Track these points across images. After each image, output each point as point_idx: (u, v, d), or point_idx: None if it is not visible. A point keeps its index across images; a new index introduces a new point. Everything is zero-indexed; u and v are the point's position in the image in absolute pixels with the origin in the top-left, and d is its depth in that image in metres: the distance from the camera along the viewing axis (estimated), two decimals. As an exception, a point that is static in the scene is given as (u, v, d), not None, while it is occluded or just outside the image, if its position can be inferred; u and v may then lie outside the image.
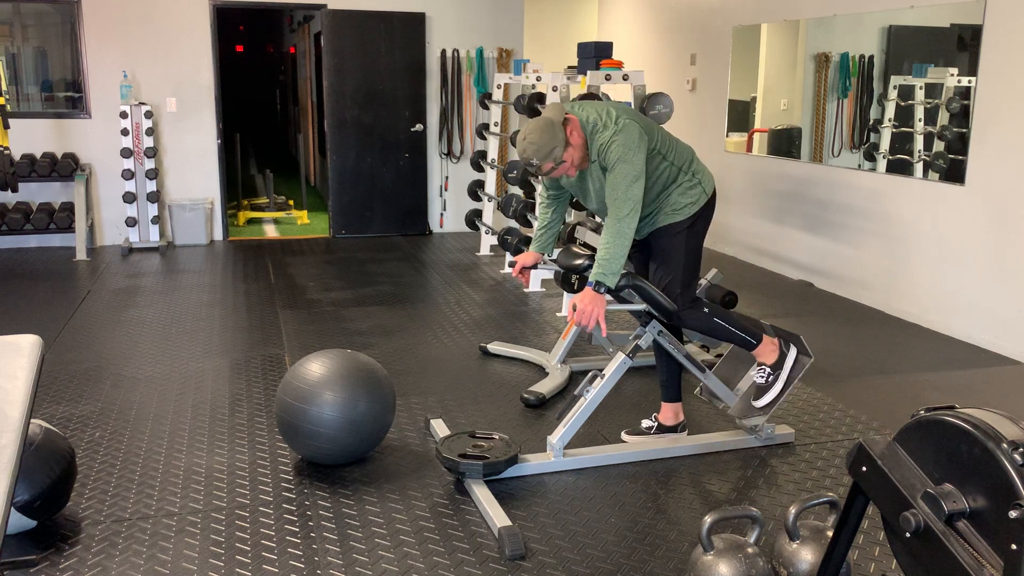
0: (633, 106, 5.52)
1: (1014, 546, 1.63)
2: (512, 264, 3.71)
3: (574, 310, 3.20)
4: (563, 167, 3.28)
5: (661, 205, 3.41)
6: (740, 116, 7.65)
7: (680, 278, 3.43)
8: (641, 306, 3.41)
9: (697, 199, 3.42)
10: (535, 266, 3.67)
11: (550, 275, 6.49)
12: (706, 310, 3.47)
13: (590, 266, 3.48)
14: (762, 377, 3.59)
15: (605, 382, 3.42)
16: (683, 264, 3.43)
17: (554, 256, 3.74)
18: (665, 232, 3.43)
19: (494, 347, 4.93)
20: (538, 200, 3.77)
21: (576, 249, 3.60)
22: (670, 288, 3.43)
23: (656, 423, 3.77)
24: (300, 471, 3.45)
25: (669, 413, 3.76)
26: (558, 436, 3.45)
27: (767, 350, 3.57)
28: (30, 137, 7.74)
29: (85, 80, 7.80)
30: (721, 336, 3.52)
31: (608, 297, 3.42)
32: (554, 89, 6.22)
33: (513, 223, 6.97)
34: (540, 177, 3.81)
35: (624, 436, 3.77)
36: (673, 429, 3.76)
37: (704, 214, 3.46)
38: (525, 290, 6.40)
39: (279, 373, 4.57)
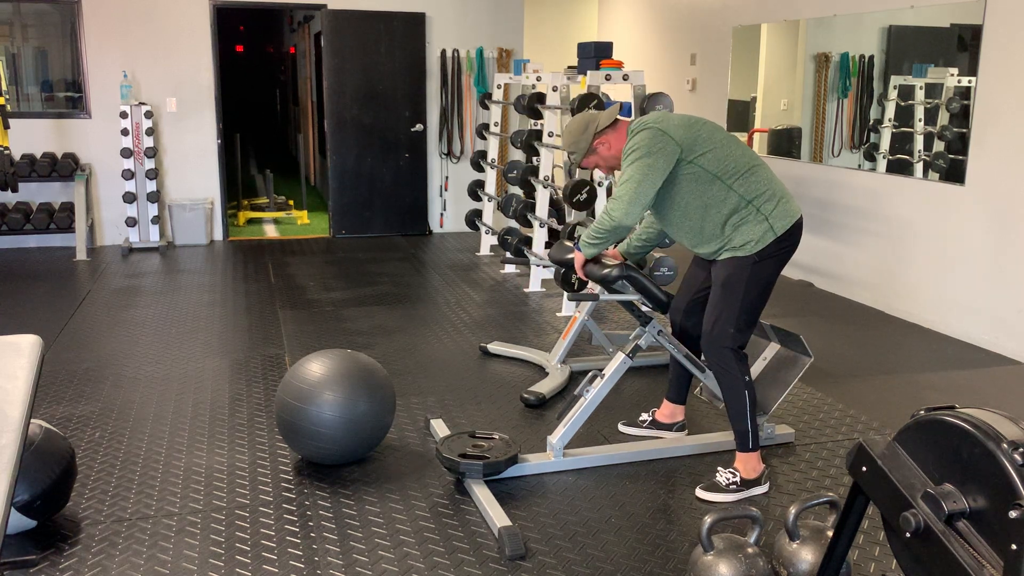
0: (633, 106, 5.52)
1: (1014, 546, 1.63)
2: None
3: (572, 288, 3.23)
4: (584, 164, 3.43)
5: (727, 237, 3.20)
6: (740, 116, 7.65)
7: (736, 317, 3.18)
8: (635, 296, 3.40)
9: (761, 236, 3.15)
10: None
11: (550, 275, 6.49)
12: (747, 378, 3.23)
13: None
14: (726, 479, 3.29)
15: (605, 382, 3.42)
16: (741, 301, 3.17)
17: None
18: (728, 264, 3.21)
19: (494, 347, 4.93)
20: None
21: (568, 244, 3.60)
22: (723, 325, 3.20)
23: (652, 417, 3.78)
24: (300, 471, 3.45)
25: (667, 411, 3.76)
26: (558, 436, 3.45)
27: (751, 464, 3.30)
28: (30, 137, 7.74)
29: (85, 80, 7.80)
30: (733, 411, 3.27)
31: (599, 290, 3.46)
32: (554, 89, 6.22)
33: (513, 223, 6.97)
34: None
35: (620, 427, 3.80)
36: (668, 428, 3.76)
37: (773, 254, 3.18)
38: (525, 290, 6.40)
39: (279, 373, 4.57)
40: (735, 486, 3.26)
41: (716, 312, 3.24)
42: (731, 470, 3.31)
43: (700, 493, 3.27)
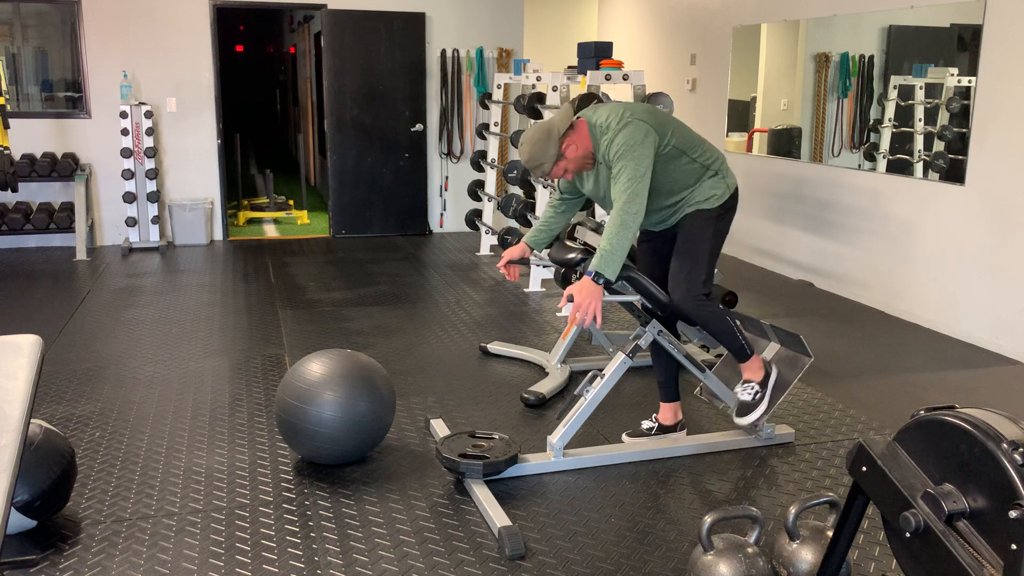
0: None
1: (1014, 546, 1.63)
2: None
3: (570, 301, 3.15)
4: (554, 173, 3.34)
5: (687, 198, 3.39)
6: (740, 116, 7.65)
7: (705, 266, 3.37)
8: (635, 297, 3.40)
9: (722, 192, 3.39)
10: (523, 261, 3.65)
11: (550, 275, 6.49)
12: (722, 307, 3.46)
13: (583, 260, 3.48)
14: (748, 394, 3.55)
15: (605, 382, 3.42)
16: (708, 252, 3.37)
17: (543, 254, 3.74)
18: (693, 217, 3.38)
19: (494, 347, 4.93)
20: (549, 199, 3.76)
21: (569, 243, 3.59)
22: (694, 276, 3.35)
23: (656, 423, 3.77)
24: (300, 471, 3.45)
25: (668, 413, 3.76)
26: (558, 436, 3.45)
27: (755, 366, 3.56)
28: (30, 137, 7.74)
29: (85, 80, 7.80)
30: (725, 338, 3.48)
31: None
32: (554, 89, 6.22)
33: (513, 223, 6.97)
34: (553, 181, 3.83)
35: (625, 438, 3.77)
36: (672, 428, 3.76)
37: (730, 208, 3.42)
38: (525, 290, 6.40)
39: (279, 373, 4.57)
40: (759, 393, 3.54)
41: (686, 265, 3.36)
42: (745, 384, 3.56)
43: (739, 421, 3.56)
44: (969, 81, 5.22)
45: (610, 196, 3.35)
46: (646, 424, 3.79)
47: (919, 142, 5.68)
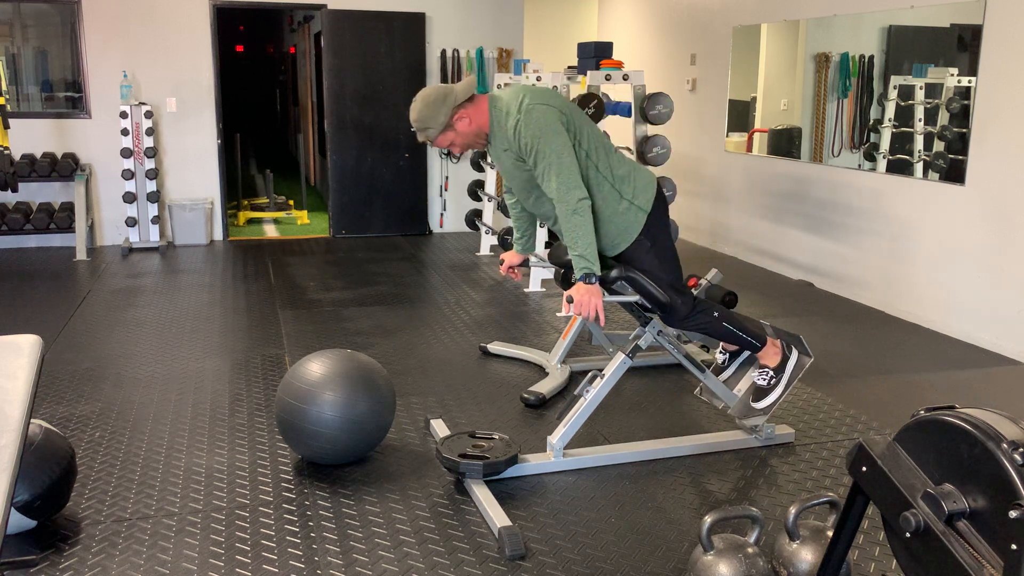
0: (633, 106, 5.52)
1: (1014, 546, 1.63)
2: (501, 262, 3.70)
3: (570, 303, 3.15)
4: (439, 143, 3.20)
5: (607, 234, 3.25)
6: (740, 116, 7.65)
7: (665, 289, 3.31)
8: (635, 297, 3.40)
9: (634, 221, 3.25)
10: (524, 263, 3.67)
11: (550, 275, 6.49)
12: (716, 314, 3.40)
13: None
14: (763, 379, 3.56)
15: (605, 382, 3.42)
16: (662, 271, 3.30)
17: (538, 252, 3.75)
18: (628, 255, 3.30)
19: (494, 347, 4.92)
20: (506, 199, 3.67)
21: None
22: (662, 306, 3.32)
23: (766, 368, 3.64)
24: (300, 471, 3.45)
25: (771, 350, 3.60)
26: (558, 436, 3.45)
27: (770, 352, 3.55)
28: (30, 137, 7.74)
29: (85, 80, 7.80)
30: (729, 340, 3.48)
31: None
32: (554, 89, 6.21)
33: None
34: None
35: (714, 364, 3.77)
36: (782, 368, 3.58)
37: (654, 224, 3.28)
38: (525, 290, 6.40)
39: (279, 373, 4.57)
40: (773, 378, 3.50)
41: (651, 300, 3.34)
42: (759, 369, 3.54)
43: (756, 406, 3.50)
44: (969, 81, 5.22)
45: (516, 185, 3.29)
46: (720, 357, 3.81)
47: (919, 142, 5.68)
